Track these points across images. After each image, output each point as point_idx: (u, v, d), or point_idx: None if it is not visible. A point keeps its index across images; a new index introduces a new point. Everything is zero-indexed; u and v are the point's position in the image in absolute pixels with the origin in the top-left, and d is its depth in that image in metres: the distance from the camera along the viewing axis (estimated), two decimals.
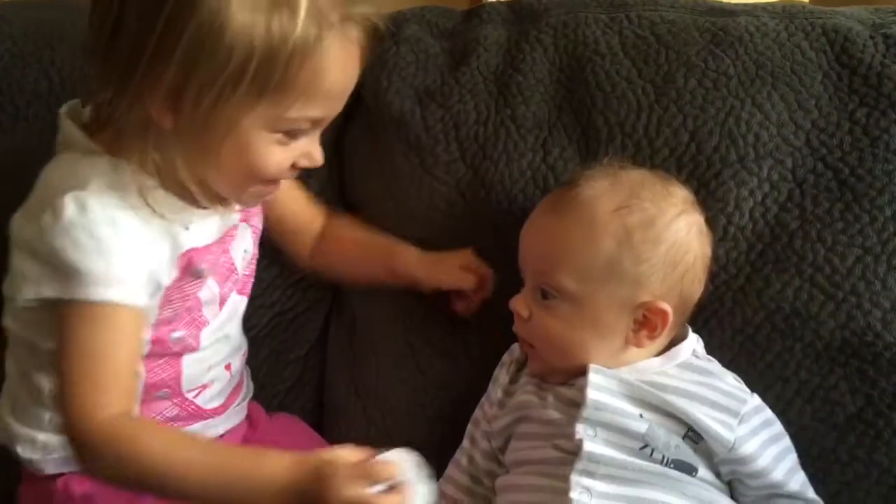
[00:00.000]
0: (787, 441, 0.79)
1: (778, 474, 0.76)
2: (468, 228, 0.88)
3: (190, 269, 0.74)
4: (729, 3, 0.95)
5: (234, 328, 0.84)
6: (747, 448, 0.74)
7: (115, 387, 0.68)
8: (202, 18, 0.62)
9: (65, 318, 0.68)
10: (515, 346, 0.84)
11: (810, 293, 0.82)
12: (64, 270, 0.67)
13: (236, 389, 0.86)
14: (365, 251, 0.89)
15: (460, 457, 0.84)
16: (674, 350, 0.78)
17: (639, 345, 0.77)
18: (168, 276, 0.73)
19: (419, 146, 0.90)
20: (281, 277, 0.94)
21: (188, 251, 0.74)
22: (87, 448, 0.67)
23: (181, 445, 0.68)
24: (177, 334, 0.76)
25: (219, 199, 0.73)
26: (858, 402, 0.82)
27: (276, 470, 0.64)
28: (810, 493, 0.78)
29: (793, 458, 0.79)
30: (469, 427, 0.85)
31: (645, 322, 0.76)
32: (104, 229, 0.67)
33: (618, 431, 0.73)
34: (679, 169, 0.84)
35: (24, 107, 0.96)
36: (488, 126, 0.89)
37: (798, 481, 0.77)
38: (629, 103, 0.87)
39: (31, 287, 0.68)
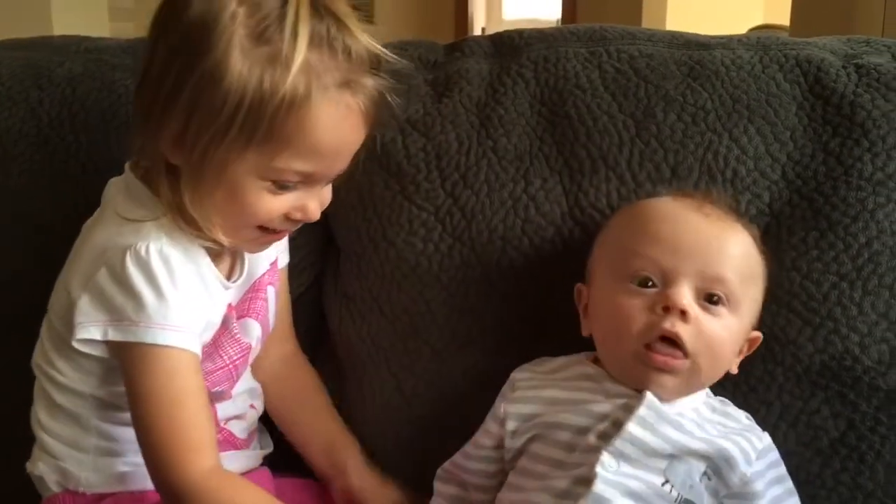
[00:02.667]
0: (790, 484, 0.78)
1: None
2: (446, 255, 0.89)
3: (228, 324, 0.80)
4: (704, 37, 0.96)
5: (247, 372, 0.88)
6: (758, 485, 0.75)
7: (201, 438, 0.73)
8: (206, 66, 0.68)
9: (131, 362, 0.73)
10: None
11: (787, 318, 0.83)
12: (131, 314, 0.72)
13: (255, 431, 0.90)
14: (315, 419, 0.91)
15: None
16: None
17: (734, 369, 0.79)
18: (215, 327, 0.79)
19: (400, 173, 0.90)
20: None
21: (228, 306, 0.80)
22: (180, 500, 0.72)
23: None
24: (217, 389, 0.82)
25: (222, 241, 0.76)
26: (841, 426, 0.83)
27: None
28: None
29: (794, 502, 0.78)
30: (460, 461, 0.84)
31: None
32: (170, 277, 0.73)
33: (642, 468, 0.72)
34: None
35: (11, 146, 0.96)
36: (470, 156, 0.90)
37: None
38: (611, 137, 0.88)
39: (97, 329, 0.73)
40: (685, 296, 0.73)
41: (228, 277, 0.82)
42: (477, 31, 4.73)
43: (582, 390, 0.77)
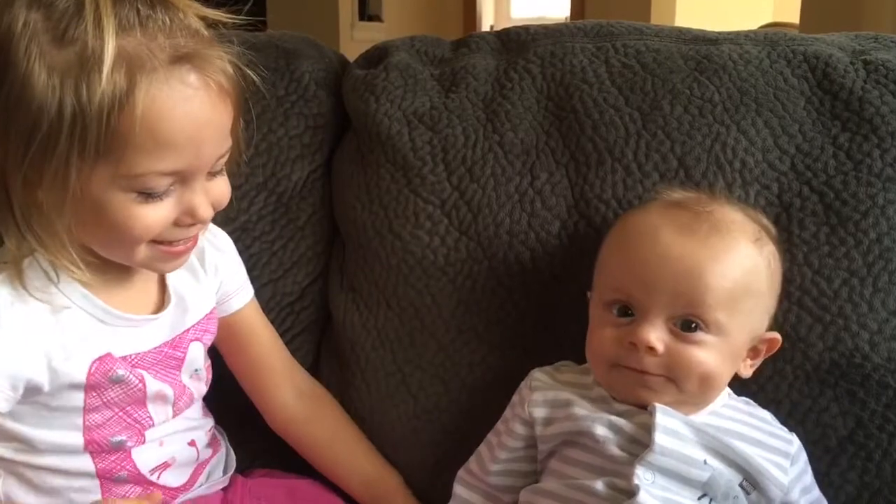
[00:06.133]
0: (817, 491, 0.78)
1: None
2: (453, 248, 0.89)
3: (107, 376, 0.72)
4: (712, 32, 0.96)
5: (194, 411, 0.82)
6: (794, 493, 0.75)
7: None
8: (9, 86, 0.62)
9: None
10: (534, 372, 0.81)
11: (798, 315, 0.82)
12: None
13: (202, 465, 0.83)
14: (352, 457, 0.88)
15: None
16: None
17: (745, 373, 0.77)
18: (48, 380, 0.70)
19: (406, 166, 0.91)
20: (275, 299, 0.94)
21: (103, 357, 0.72)
22: None
23: None
24: (116, 439, 0.74)
25: (118, 265, 0.71)
26: (849, 424, 0.82)
27: None
28: None
29: None
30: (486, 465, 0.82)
31: (752, 350, 0.77)
32: None
33: (678, 480, 0.70)
34: None
35: None
36: (476, 150, 0.90)
37: None
38: (617, 129, 0.88)
39: None
40: (651, 332, 0.71)
41: (157, 311, 0.76)
42: (485, 30, 4.74)
43: (599, 410, 0.76)
